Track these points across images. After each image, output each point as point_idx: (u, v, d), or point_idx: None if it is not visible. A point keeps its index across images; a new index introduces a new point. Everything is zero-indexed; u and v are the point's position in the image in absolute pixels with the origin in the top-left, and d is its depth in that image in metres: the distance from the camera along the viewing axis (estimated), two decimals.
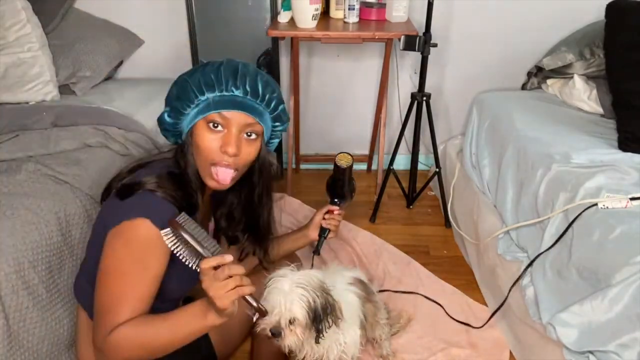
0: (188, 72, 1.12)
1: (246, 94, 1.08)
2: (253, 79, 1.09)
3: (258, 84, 1.09)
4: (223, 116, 1.07)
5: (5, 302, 1.14)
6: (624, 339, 1.16)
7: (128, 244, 1.00)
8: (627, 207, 1.34)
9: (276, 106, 1.14)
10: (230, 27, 2.42)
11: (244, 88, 1.08)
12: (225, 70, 1.08)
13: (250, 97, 1.08)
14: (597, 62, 2.02)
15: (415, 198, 2.38)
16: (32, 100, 1.95)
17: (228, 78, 1.07)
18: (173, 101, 1.10)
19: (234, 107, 1.07)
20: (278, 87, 1.16)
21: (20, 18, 1.92)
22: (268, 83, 1.12)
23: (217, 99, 1.07)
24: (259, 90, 1.09)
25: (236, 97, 1.08)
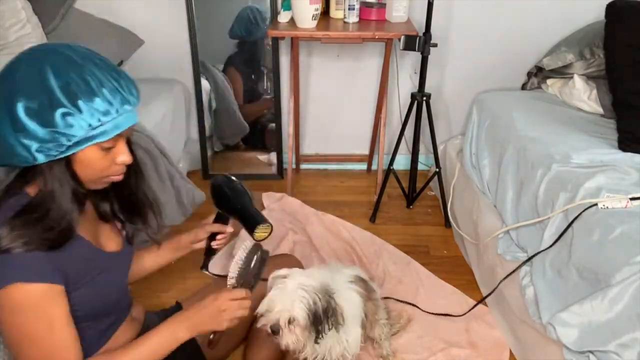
0: (59, 96, 0.88)
1: (136, 102, 0.98)
2: (129, 77, 0.98)
3: (133, 81, 0.99)
4: (118, 135, 0.96)
5: None
6: (624, 339, 1.16)
7: (16, 313, 0.90)
8: (627, 207, 1.34)
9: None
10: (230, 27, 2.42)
11: (134, 96, 0.98)
12: (110, 87, 0.92)
13: (136, 102, 0.99)
14: (597, 62, 2.02)
15: (415, 198, 2.38)
16: None
17: (119, 96, 0.93)
18: (43, 131, 0.88)
19: (129, 122, 0.98)
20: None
21: (20, 18, 1.92)
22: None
23: (113, 123, 0.94)
24: (137, 89, 0.99)
25: (130, 111, 0.98)
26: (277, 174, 2.63)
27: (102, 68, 0.93)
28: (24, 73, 0.89)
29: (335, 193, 2.52)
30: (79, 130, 0.90)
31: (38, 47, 0.96)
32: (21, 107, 0.87)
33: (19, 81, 0.89)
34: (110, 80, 0.93)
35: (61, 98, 0.88)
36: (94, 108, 0.90)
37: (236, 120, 2.60)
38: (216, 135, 2.64)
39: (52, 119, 0.87)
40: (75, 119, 0.89)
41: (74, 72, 0.90)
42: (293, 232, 2.12)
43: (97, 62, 0.94)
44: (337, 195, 2.50)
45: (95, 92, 0.90)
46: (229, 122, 2.62)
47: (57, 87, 0.88)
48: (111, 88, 0.92)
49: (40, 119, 0.87)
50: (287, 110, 2.42)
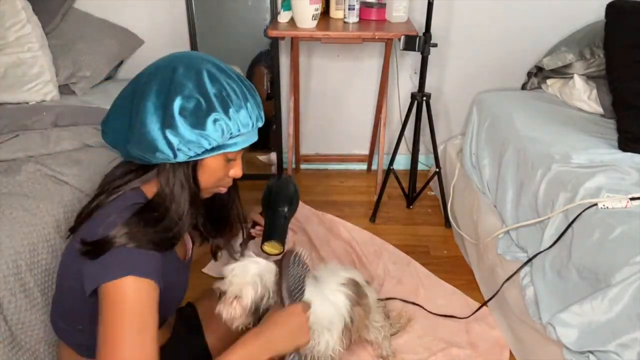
0: (214, 102, 0.93)
1: (263, 120, 1.03)
2: (259, 100, 1.03)
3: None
4: (242, 149, 1.02)
5: (4, 304, 1.14)
6: (624, 339, 1.16)
7: (117, 309, 0.88)
8: (627, 207, 1.34)
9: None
10: (230, 27, 2.42)
11: (262, 117, 1.02)
12: (252, 103, 0.98)
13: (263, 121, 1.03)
14: (597, 62, 2.02)
15: (415, 198, 2.38)
16: (32, 100, 1.95)
17: (256, 112, 0.99)
18: (190, 132, 0.92)
19: (254, 138, 1.03)
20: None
21: (20, 18, 1.92)
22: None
23: (244, 138, 1.00)
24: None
25: (257, 129, 1.03)
26: (277, 174, 2.63)
27: (245, 83, 0.99)
28: (183, 73, 0.92)
29: (335, 193, 2.52)
30: (221, 137, 0.94)
31: (189, 52, 1.03)
32: (177, 104, 0.90)
33: (179, 80, 0.92)
34: (253, 96, 0.98)
35: (216, 104, 0.92)
36: (239, 119, 0.95)
37: None
38: None
39: (204, 122, 0.91)
40: (223, 126, 0.93)
41: (226, 81, 0.94)
42: (293, 232, 2.12)
43: (241, 77, 1.00)
44: (337, 195, 2.50)
45: (242, 104, 0.95)
46: None
47: (212, 93, 0.92)
48: (252, 104, 0.98)
49: (193, 120, 0.91)
50: (287, 110, 2.42)
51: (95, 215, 0.98)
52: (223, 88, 0.93)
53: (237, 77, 0.98)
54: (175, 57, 0.97)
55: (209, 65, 0.95)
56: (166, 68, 0.95)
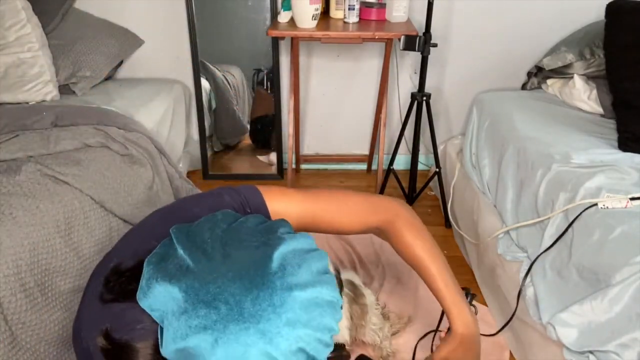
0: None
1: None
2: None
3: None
4: None
5: (4, 304, 1.14)
6: (624, 339, 1.16)
7: None
8: (627, 207, 1.34)
9: None
10: (230, 27, 2.42)
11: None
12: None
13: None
14: (597, 62, 2.02)
15: (415, 198, 2.38)
16: (32, 100, 1.95)
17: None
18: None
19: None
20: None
21: (20, 18, 1.92)
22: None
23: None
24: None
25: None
26: (277, 174, 2.63)
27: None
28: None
29: None
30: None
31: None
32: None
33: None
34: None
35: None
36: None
37: (236, 120, 2.61)
38: (216, 135, 2.64)
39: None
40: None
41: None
42: None
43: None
44: None
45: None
46: (229, 122, 2.62)
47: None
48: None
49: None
50: (287, 110, 2.42)
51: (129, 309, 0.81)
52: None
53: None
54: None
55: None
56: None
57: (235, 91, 2.58)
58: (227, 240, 0.76)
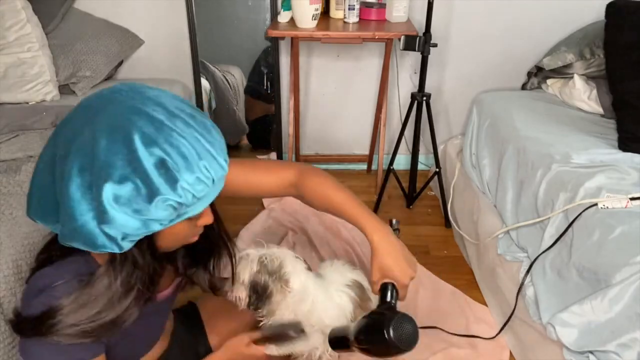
0: (155, 181, 0.72)
1: (227, 164, 0.84)
2: (216, 128, 0.85)
3: (219, 132, 0.85)
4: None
5: (4, 304, 1.14)
6: (623, 339, 1.16)
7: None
8: (627, 207, 1.34)
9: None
10: (230, 27, 2.42)
11: (226, 157, 0.83)
12: (209, 157, 0.78)
13: (227, 164, 0.84)
14: (597, 62, 2.02)
15: (415, 198, 2.38)
16: (32, 100, 1.95)
17: (215, 165, 0.79)
18: (133, 220, 0.73)
19: (220, 187, 0.84)
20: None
21: (20, 18, 1.92)
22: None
23: (206, 197, 0.81)
24: (225, 144, 0.86)
25: (223, 174, 0.82)
26: None
27: (192, 127, 0.76)
28: (106, 147, 0.70)
29: None
30: (172, 214, 0.76)
31: (117, 94, 0.77)
32: (109, 194, 0.70)
33: (103, 157, 0.70)
34: (205, 146, 0.77)
35: (158, 183, 0.71)
36: (193, 189, 0.75)
37: (236, 120, 2.61)
38: None
39: (148, 207, 0.72)
40: (172, 204, 0.74)
41: (166, 141, 0.72)
42: (293, 232, 2.12)
43: (185, 118, 0.76)
44: None
45: (193, 169, 0.74)
46: (229, 122, 2.62)
47: (151, 166, 0.70)
48: (209, 158, 0.77)
49: (133, 208, 0.71)
50: (287, 110, 2.42)
51: (36, 277, 0.85)
52: (165, 154, 0.71)
53: (184, 122, 0.75)
54: (96, 110, 0.74)
55: (141, 123, 0.72)
56: (85, 133, 0.72)
57: (235, 91, 2.58)
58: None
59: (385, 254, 1.02)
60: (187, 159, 0.73)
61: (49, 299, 0.79)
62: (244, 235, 2.05)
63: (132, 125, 0.71)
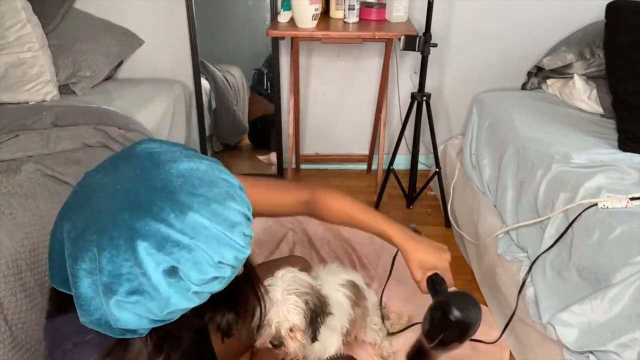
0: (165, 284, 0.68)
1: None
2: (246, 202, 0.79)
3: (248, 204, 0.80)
4: None
5: (4, 304, 1.14)
6: (623, 339, 1.16)
7: None
8: (627, 207, 1.34)
9: None
10: (230, 27, 2.42)
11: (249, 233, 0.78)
12: (231, 233, 0.72)
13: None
14: (597, 62, 2.02)
15: (415, 198, 2.38)
16: (32, 100, 1.95)
17: (238, 245, 0.74)
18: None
19: (243, 261, 0.79)
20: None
21: (20, 18, 1.92)
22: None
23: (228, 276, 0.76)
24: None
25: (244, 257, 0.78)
26: (277, 174, 2.63)
27: (206, 217, 0.70)
28: (111, 258, 0.68)
29: None
30: (192, 305, 0.73)
31: (115, 192, 0.71)
32: (118, 306, 0.69)
33: (108, 269, 0.68)
34: (222, 238, 0.71)
35: (168, 294, 0.69)
36: (209, 287, 0.72)
37: (236, 120, 2.60)
38: (216, 135, 2.64)
39: (160, 315, 0.71)
40: (187, 307, 0.72)
41: (175, 245, 0.68)
42: (293, 232, 2.12)
43: (202, 211, 0.70)
44: None
45: (207, 271, 0.70)
46: (229, 122, 2.62)
47: (159, 276, 0.68)
48: (228, 250, 0.72)
49: (146, 316, 0.71)
50: (287, 110, 2.42)
51: (56, 330, 0.81)
52: (174, 260, 0.68)
53: (200, 208, 0.70)
54: (99, 209, 0.70)
55: (147, 227, 0.67)
56: (87, 237, 0.69)
57: (235, 91, 2.58)
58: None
59: (415, 250, 1.07)
60: (200, 262, 0.69)
61: (76, 358, 0.77)
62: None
63: (136, 233, 0.67)
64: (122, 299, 0.67)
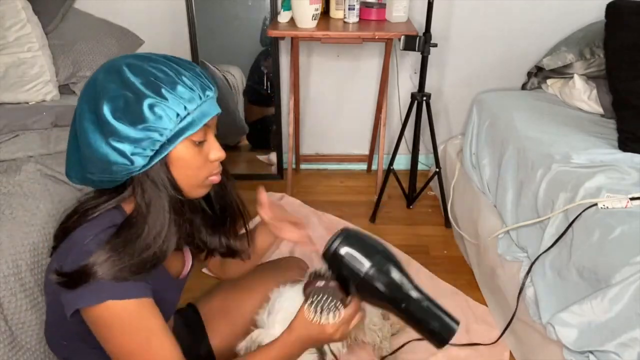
0: (142, 89, 0.86)
1: (215, 89, 0.95)
2: (202, 69, 0.96)
3: (206, 69, 1.00)
4: (206, 126, 0.94)
5: (4, 304, 1.14)
6: (623, 339, 1.16)
7: (112, 329, 0.88)
8: (627, 207, 1.34)
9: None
10: (230, 27, 2.42)
11: (212, 83, 0.94)
12: (188, 75, 0.91)
13: (215, 89, 0.95)
14: (597, 62, 2.02)
15: (415, 198, 2.38)
16: (32, 100, 1.95)
17: (198, 82, 0.91)
18: (134, 131, 0.85)
19: (213, 110, 0.94)
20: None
21: (20, 18, 1.92)
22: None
23: (199, 111, 0.91)
24: (212, 77, 0.97)
25: (212, 98, 0.94)
26: (277, 174, 2.63)
27: (174, 60, 0.92)
28: (102, 78, 0.88)
29: (335, 193, 2.52)
30: (169, 122, 0.86)
31: (112, 59, 0.94)
32: (107, 109, 0.85)
33: (100, 86, 0.87)
34: (187, 69, 0.91)
35: (144, 90, 0.85)
36: (178, 95, 0.87)
37: (236, 120, 2.60)
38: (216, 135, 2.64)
39: (140, 113, 0.85)
40: (162, 109, 0.85)
41: (150, 66, 0.88)
42: None
43: (169, 57, 0.93)
44: (337, 195, 2.50)
45: (175, 81, 0.88)
46: (229, 122, 2.62)
47: (138, 82, 0.86)
48: (190, 76, 0.90)
49: (129, 117, 0.85)
50: (287, 110, 2.42)
51: (72, 237, 0.92)
52: (149, 73, 0.87)
53: (164, 58, 0.91)
54: (97, 70, 0.92)
55: (128, 59, 0.89)
56: (89, 83, 0.91)
57: (235, 91, 2.58)
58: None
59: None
60: (169, 75, 0.88)
61: (83, 255, 0.86)
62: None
63: (121, 62, 0.88)
64: (110, 101, 0.85)
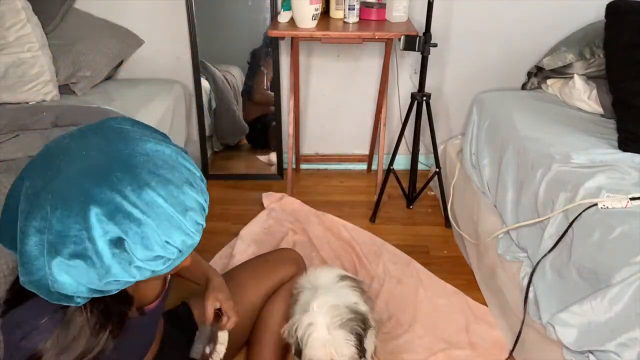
0: (101, 260, 0.70)
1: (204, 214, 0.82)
2: (202, 177, 0.83)
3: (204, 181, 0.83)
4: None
5: None
6: (623, 339, 1.16)
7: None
8: (627, 207, 1.34)
9: None
10: (230, 27, 2.42)
11: (201, 220, 0.80)
12: (202, 198, 0.78)
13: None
14: (597, 62, 2.02)
15: (415, 198, 2.38)
16: (32, 100, 1.95)
17: (204, 211, 0.79)
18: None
19: (191, 249, 0.80)
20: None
21: (20, 18, 1.92)
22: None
23: (171, 262, 0.77)
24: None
25: (192, 244, 0.80)
26: (277, 174, 2.63)
27: (163, 197, 0.73)
28: (61, 218, 0.69)
29: (335, 193, 2.52)
30: (133, 280, 0.74)
31: (73, 157, 0.73)
32: (59, 267, 0.70)
33: (57, 229, 0.69)
34: (173, 219, 0.73)
35: (110, 264, 0.70)
36: (150, 266, 0.74)
37: (236, 120, 2.60)
38: (216, 135, 2.64)
39: (99, 284, 0.72)
40: (128, 281, 0.74)
41: (126, 217, 0.70)
42: (293, 232, 2.12)
43: (157, 185, 0.72)
44: (337, 195, 2.50)
45: (153, 247, 0.72)
46: (229, 122, 2.62)
47: (104, 245, 0.70)
48: (175, 233, 0.74)
49: (83, 282, 0.72)
50: (287, 110, 2.42)
51: (13, 319, 0.80)
52: (122, 231, 0.69)
53: (156, 184, 0.72)
54: (57, 168, 0.72)
55: (101, 194, 0.69)
56: (42, 197, 0.70)
57: (235, 91, 2.58)
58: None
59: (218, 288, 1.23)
60: (148, 238, 0.71)
61: (30, 345, 0.76)
62: (244, 235, 2.05)
63: (90, 198, 0.69)
64: (64, 260, 0.69)
